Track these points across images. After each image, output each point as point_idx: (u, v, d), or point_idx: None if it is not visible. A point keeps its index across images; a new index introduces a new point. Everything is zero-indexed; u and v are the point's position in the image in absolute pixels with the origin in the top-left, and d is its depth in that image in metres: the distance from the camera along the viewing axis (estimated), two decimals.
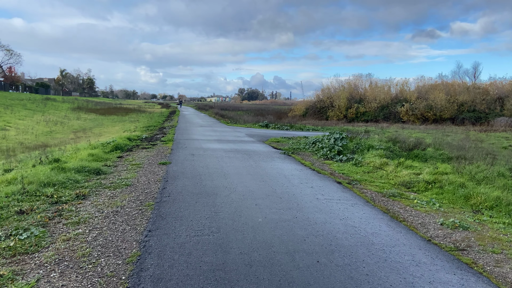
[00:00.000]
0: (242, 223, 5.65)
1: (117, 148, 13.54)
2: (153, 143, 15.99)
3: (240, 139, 18.57)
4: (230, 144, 15.91)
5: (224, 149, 14.17)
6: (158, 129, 24.50)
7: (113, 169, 9.73)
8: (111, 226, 5.33)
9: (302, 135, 22.31)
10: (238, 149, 14.32)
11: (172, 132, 21.18)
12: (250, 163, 11.25)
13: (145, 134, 20.51)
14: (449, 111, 44.90)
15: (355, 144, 13.83)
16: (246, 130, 24.77)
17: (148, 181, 8.33)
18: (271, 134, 22.48)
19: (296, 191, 7.90)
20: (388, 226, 5.86)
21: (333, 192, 8.00)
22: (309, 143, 15.97)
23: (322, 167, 11.38)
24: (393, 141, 16.12)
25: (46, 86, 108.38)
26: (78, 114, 44.81)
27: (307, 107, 58.23)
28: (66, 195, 6.89)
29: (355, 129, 28.65)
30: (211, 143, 16.29)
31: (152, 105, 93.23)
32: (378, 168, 10.94)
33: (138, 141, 16.63)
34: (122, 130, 27.41)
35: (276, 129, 28.27)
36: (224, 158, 12.04)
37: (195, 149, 13.87)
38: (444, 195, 8.30)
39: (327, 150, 13.60)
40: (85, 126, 33.15)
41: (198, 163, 10.88)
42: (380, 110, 49.85)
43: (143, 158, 11.56)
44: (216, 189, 7.76)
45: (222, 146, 15.10)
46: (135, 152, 13.17)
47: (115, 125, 33.29)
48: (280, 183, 8.56)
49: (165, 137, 18.12)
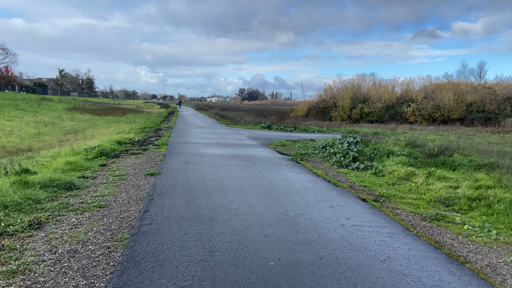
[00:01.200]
0: (247, 270, 4.02)
1: (102, 154, 11.91)
2: (145, 147, 14.36)
3: (241, 142, 16.94)
4: (230, 149, 14.28)
5: (224, 155, 12.55)
6: (153, 131, 22.89)
7: (90, 182, 8.11)
8: (59, 281, 3.70)
9: (308, 137, 20.69)
10: (239, 155, 12.69)
11: (168, 135, 19.56)
12: (254, 172, 9.63)
13: (139, 136, 18.90)
14: (458, 111, 43.25)
15: (372, 149, 12.19)
16: (247, 132, 23.14)
17: (129, 199, 6.70)
18: (274, 136, 20.85)
19: (314, 213, 6.27)
20: (449, 273, 4.23)
21: (360, 214, 6.38)
22: (319, 148, 14.33)
23: (338, 177, 9.75)
24: (412, 145, 14.48)
25: (44, 86, 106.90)
26: (72, 115, 43.19)
27: (310, 108, 56.60)
28: (17, 222, 5.27)
29: (362, 130, 27.02)
30: (209, 147, 14.66)
31: (151, 105, 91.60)
32: (403, 179, 9.31)
33: (129, 145, 15.00)
34: (115, 132, 25.82)
35: (279, 130, 26.65)
36: (224, 166, 10.41)
37: (191, 155, 12.24)
38: (495, 216, 6.66)
39: (340, 156, 11.96)
40: (78, 128, 31.53)
41: (193, 173, 9.25)
42: (385, 111, 48.21)
43: (129, 167, 9.93)
44: (213, 210, 6.14)
45: (221, 151, 13.47)
46: (122, 158, 11.55)
47: (109, 126, 31.69)
48: (292, 201, 6.93)
49: (159, 140, 16.50)
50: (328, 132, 26.41)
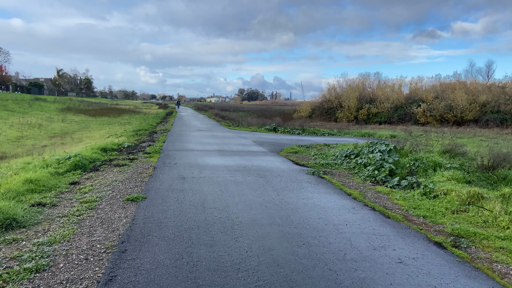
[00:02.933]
0: None
1: (77, 167, 9.58)
2: (133, 155, 12.04)
3: (247, 148, 14.60)
4: (235, 158, 11.94)
5: (229, 167, 10.22)
6: (147, 134, 20.58)
7: (44, 213, 5.78)
8: None
9: (320, 141, 18.38)
10: (247, 167, 10.36)
11: (163, 139, 17.23)
12: (269, 194, 7.31)
13: (131, 140, 16.60)
14: (472, 112, 40.97)
15: (412, 160, 9.85)
16: (252, 136, 20.81)
17: (89, 251, 4.37)
18: (282, 140, 18.54)
19: (379, 277, 3.96)
20: None
21: (449, 277, 4.06)
22: (341, 156, 12.01)
23: (381, 200, 7.43)
24: (450, 154, 12.16)
25: (40, 86, 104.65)
26: (65, 116, 40.83)
27: (313, 108, 54.30)
28: None
29: (377, 133, 24.70)
30: (210, 155, 12.33)
31: (150, 106, 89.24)
32: (468, 204, 7.01)
33: (115, 153, 12.66)
34: (106, 135, 23.51)
35: (286, 133, 24.32)
36: (230, 184, 8.09)
37: (188, 168, 9.91)
38: None
39: (373, 169, 9.64)
40: (67, 130, 29.18)
41: (189, 196, 6.92)
42: (393, 111, 45.92)
43: (106, 187, 7.60)
44: (218, 274, 3.83)
45: (225, 162, 11.15)
46: (102, 172, 9.23)
47: (102, 129, 29.36)
48: (337, 250, 4.62)
49: (152, 147, 14.17)
50: (340, 135, 24.09)
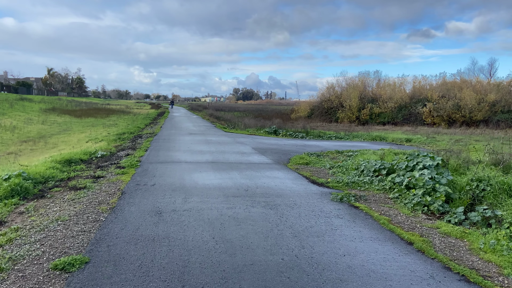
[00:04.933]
0: None
1: (15, 193, 6.90)
2: (102, 171, 9.36)
3: (247, 159, 11.95)
4: (234, 174, 9.29)
5: (225, 190, 7.58)
6: (131, 139, 17.90)
7: None
8: None
9: (330, 147, 15.80)
10: (250, 189, 7.72)
11: (146, 146, 14.54)
12: (289, 245, 4.69)
13: (111, 146, 13.93)
14: (481, 112, 38.62)
15: (475, 181, 7.24)
16: (251, 140, 18.17)
17: None
18: (287, 146, 15.93)
19: None
20: None
21: None
22: (367, 172, 9.41)
23: (460, 254, 4.83)
24: (499, 165, 9.59)
25: (28, 85, 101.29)
26: (47, 117, 37.93)
27: (312, 108, 51.75)
28: None
29: (390, 136, 22.17)
30: (201, 170, 9.68)
31: (142, 106, 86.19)
32: None
33: (81, 167, 9.97)
34: (86, 139, 20.78)
35: (288, 136, 21.70)
36: (227, 224, 5.46)
37: (169, 193, 7.24)
38: None
39: (422, 193, 7.05)
40: (45, 132, 26.38)
41: (161, 257, 4.27)
42: (398, 111, 43.50)
43: (37, 234, 4.94)
44: None
45: (220, 180, 8.49)
46: (48, 201, 6.56)
47: (84, 131, 26.59)
48: None
49: (129, 157, 11.51)
50: (348, 138, 21.51)
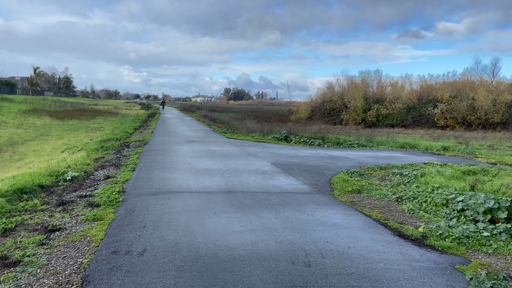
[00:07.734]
0: None
1: None
2: (65, 212, 6.05)
3: (273, 183, 8.68)
4: (268, 218, 6.02)
5: (269, 262, 4.30)
6: (116, 148, 14.57)
7: None
8: None
9: (365, 159, 12.65)
10: (313, 260, 4.48)
11: (134, 162, 11.20)
12: None
13: (88, 160, 10.62)
14: (498, 114, 35.86)
15: None
16: (263, 151, 14.88)
17: None
18: (312, 160, 12.71)
19: None
20: None
21: None
22: (473, 214, 6.25)
23: None
24: None
25: (11, 85, 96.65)
26: (25, 119, 34.19)
27: (313, 109, 48.69)
28: None
29: (420, 144, 19.09)
30: (216, 210, 6.38)
31: (131, 106, 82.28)
32: None
33: (32, 204, 6.60)
34: (62, 148, 17.33)
35: (303, 144, 18.48)
36: None
37: (171, 276, 3.98)
38: None
39: None
40: (18, 138, 22.80)
41: None
42: (406, 112, 40.60)
43: None
44: None
45: (253, 236, 5.20)
46: None
47: (63, 136, 23.07)
48: None
49: (110, 182, 8.18)
50: (373, 146, 18.37)
